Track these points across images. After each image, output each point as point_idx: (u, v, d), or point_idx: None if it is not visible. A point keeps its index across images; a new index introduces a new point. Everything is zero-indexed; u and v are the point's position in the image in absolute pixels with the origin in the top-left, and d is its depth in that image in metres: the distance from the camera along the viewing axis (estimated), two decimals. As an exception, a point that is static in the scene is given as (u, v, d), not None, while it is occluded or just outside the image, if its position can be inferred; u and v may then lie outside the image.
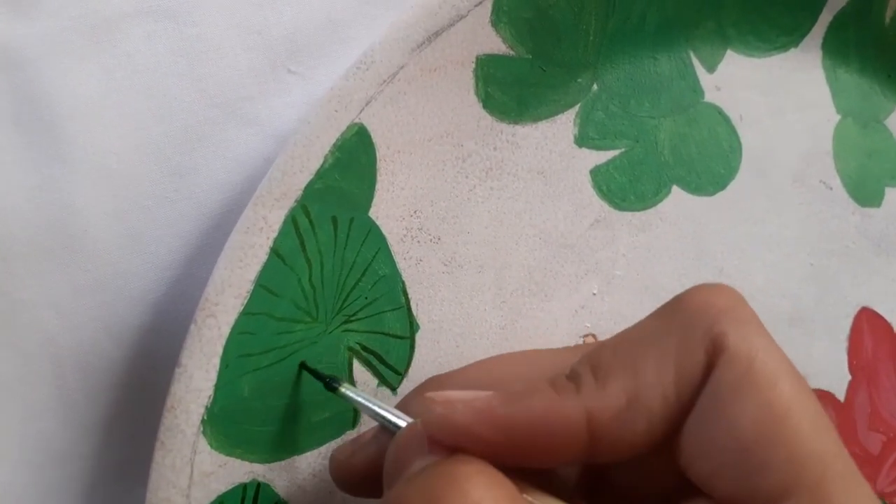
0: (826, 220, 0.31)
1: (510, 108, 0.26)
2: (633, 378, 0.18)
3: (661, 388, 0.17)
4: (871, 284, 0.32)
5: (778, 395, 0.17)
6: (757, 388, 0.17)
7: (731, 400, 0.17)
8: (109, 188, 0.23)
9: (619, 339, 0.19)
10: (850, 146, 0.32)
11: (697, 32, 0.29)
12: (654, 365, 0.18)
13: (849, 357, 0.31)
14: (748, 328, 0.18)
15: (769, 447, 0.16)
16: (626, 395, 0.18)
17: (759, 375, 0.17)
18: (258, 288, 0.21)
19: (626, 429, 0.17)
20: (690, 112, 0.29)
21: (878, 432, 0.31)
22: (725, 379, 0.17)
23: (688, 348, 0.18)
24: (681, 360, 0.18)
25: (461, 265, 0.25)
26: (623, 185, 0.28)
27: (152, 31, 0.23)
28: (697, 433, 0.17)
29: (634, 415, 0.17)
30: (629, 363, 0.18)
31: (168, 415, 0.20)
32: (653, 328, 0.19)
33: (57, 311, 0.23)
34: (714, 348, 0.17)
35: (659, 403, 0.17)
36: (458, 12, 0.24)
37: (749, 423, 0.17)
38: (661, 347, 0.18)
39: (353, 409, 0.24)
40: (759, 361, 0.17)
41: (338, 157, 0.22)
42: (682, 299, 0.19)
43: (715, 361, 0.17)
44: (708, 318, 0.18)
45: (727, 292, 0.18)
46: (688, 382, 0.17)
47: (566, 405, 0.18)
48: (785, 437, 0.16)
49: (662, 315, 0.19)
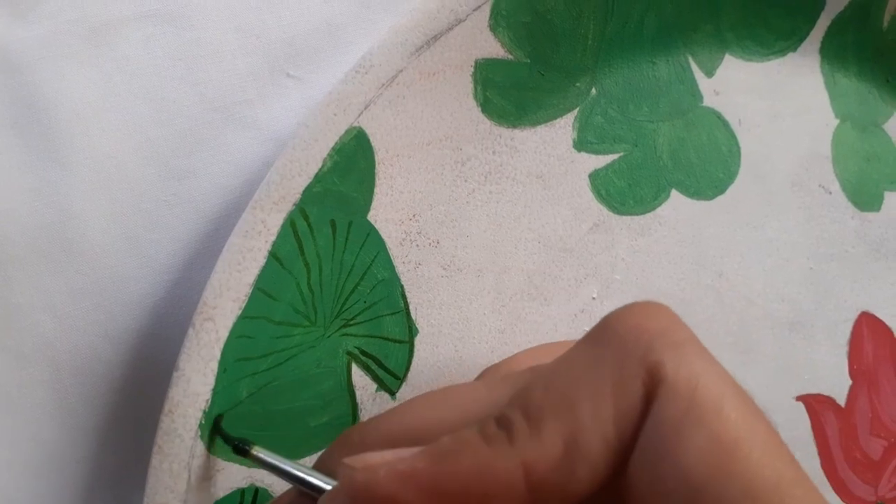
0: (825, 224, 0.31)
1: (509, 112, 0.26)
2: (569, 421, 0.16)
3: (599, 428, 0.16)
4: (870, 289, 0.32)
5: (724, 424, 0.16)
6: (701, 420, 0.16)
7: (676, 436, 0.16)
8: (107, 191, 0.23)
9: (549, 373, 0.18)
10: (849, 150, 0.32)
11: (696, 37, 0.29)
12: (589, 403, 0.16)
13: (849, 362, 0.31)
14: (685, 352, 0.16)
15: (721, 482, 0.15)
16: (563, 440, 0.16)
17: (702, 406, 0.16)
18: (256, 292, 0.21)
19: (567, 477, 0.16)
20: (689, 116, 0.29)
21: (879, 437, 0.31)
22: (667, 414, 0.16)
23: (624, 381, 0.16)
24: (618, 395, 0.16)
25: (460, 269, 0.25)
26: (622, 189, 0.28)
27: (151, 34, 0.24)
28: (644, 473, 0.16)
29: (574, 462, 0.16)
30: (563, 403, 0.17)
31: (165, 419, 0.20)
32: (584, 359, 0.17)
33: (54, 314, 0.23)
34: (651, 379, 0.16)
35: (599, 446, 0.16)
36: (457, 17, 0.24)
37: (698, 460, 0.15)
38: (596, 382, 0.17)
39: (351, 413, 0.24)
40: (700, 389, 0.16)
41: (336, 161, 0.22)
42: (611, 324, 0.17)
43: (654, 393, 0.16)
44: (642, 344, 0.17)
45: (658, 312, 0.17)
46: (628, 419, 0.16)
47: (499, 460, 0.16)
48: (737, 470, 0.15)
49: (593, 343, 0.18)
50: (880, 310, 0.32)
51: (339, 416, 0.23)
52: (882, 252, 0.32)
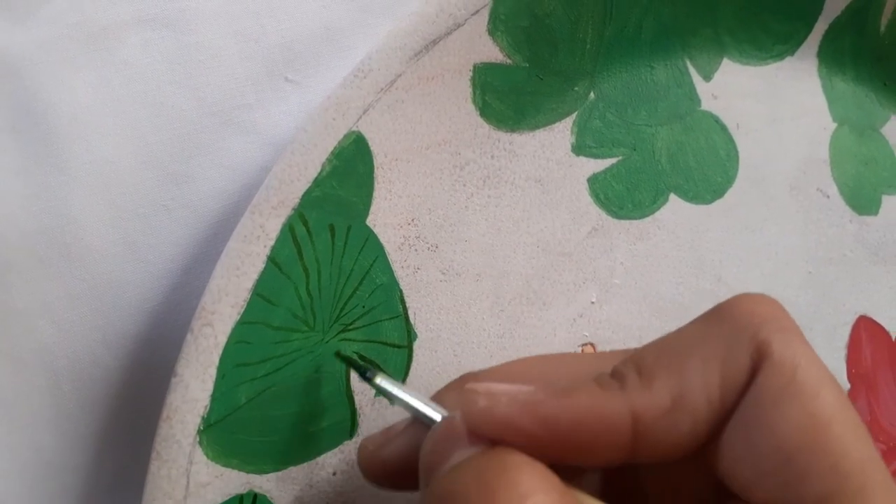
0: (823, 228, 0.31)
1: (507, 116, 0.26)
2: (679, 379, 0.18)
3: (705, 390, 0.17)
4: (869, 292, 0.32)
5: (821, 404, 0.17)
6: (801, 397, 0.17)
7: (774, 407, 0.17)
8: (106, 196, 0.23)
9: (662, 342, 0.19)
10: (847, 154, 0.32)
11: (694, 41, 0.29)
12: (699, 367, 0.18)
13: (847, 366, 0.31)
14: (791, 337, 0.18)
15: (812, 455, 0.16)
16: (671, 395, 0.17)
17: (802, 384, 0.17)
18: (255, 297, 0.21)
19: (671, 429, 0.17)
20: (687, 120, 0.29)
21: (877, 441, 0.31)
22: (769, 386, 0.17)
23: (733, 353, 0.18)
24: (726, 365, 0.18)
25: (459, 273, 0.25)
26: (620, 193, 0.28)
27: (149, 39, 0.23)
28: (739, 438, 0.17)
29: (679, 415, 0.17)
30: (674, 365, 0.18)
31: (164, 425, 0.20)
32: (697, 333, 0.19)
33: (52, 319, 0.23)
34: (759, 355, 0.17)
35: (703, 405, 0.17)
36: (456, 21, 0.24)
37: (792, 430, 0.17)
38: (706, 351, 0.18)
39: (350, 418, 0.23)
40: (802, 370, 0.17)
41: (335, 166, 0.22)
42: (726, 307, 0.19)
43: (759, 368, 0.17)
44: (753, 325, 0.18)
45: (770, 302, 0.19)
46: (732, 387, 0.17)
47: (611, 402, 0.17)
48: (828, 446, 0.16)
49: (706, 321, 0.19)
50: (879, 313, 0.32)
51: (338, 421, 0.23)
52: (880, 256, 0.32)
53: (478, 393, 0.18)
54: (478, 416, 0.17)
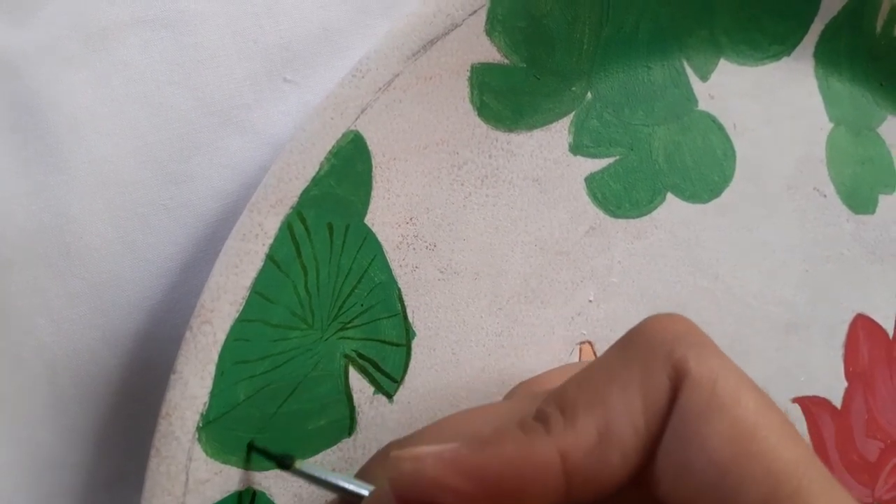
0: (820, 227, 0.31)
1: (505, 116, 0.26)
2: (602, 411, 0.18)
3: (629, 418, 0.18)
4: (865, 291, 0.32)
5: (744, 412, 0.17)
6: (723, 408, 0.17)
7: (700, 423, 0.17)
8: (105, 195, 0.23)
9: (582, 375, 0.19)
10: (844, 154, 0.32)
11: (691, 41, 0.29)
12: (620, 396, 0.18)
13: (845, 364, 0.31)
14: (706, 351, 0.18)
15: (744, 464, 0.17)
16: (597, 429, 0.18)
17: (723, 395, 0.17)
18: (254, 295, 0.21)
19: (601, 464, 0.17)
20: (684, 120, 0.29)
21: (875, 439, 0.31)
22: (692, 403, 0.17)
23: (651, 376, 0.18)
24: (646, 389, 0.18)
25: (457, 272, 0.25)
26: (618, 192, 0.28)
27: (148, 39, 0.24)
28: (671, 460, 0.17)
29: (607, 448, 0.17)
30: (595, 397, 0.18)
31: (163, 422, 0.20)
32: (614, 361, 0.19)
33: (51, 317, 0.23)
34: (676, 373, 0.18)
35: (630, 434, 0.17)
36: (453, 21, 0.24)
37: (721, 443, 0.17)
38: (625, 378, 0.18)
39: (349, 416, 0.24)
40: (721, 381, 0.17)
41: (334, 164, 0.22)
42: (637, 330, 0.19)
43: (679, 386, 0.18)
44: (666, 344, 0.18)
45: (680, 319, 0.19)
46: (655, 410, 0.18)
47: (537, 447, 0.17)
48: (758, 452, 0.17)
49: (622, 347, 0.19)
50: (876, 312, 0.32)
51: (337, 419, 0.23)
52: (877, 255, 0.32)
53: (402, 458, 0.18)
54: (406, 482, 0.17)
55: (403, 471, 0.17)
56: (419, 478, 0.17)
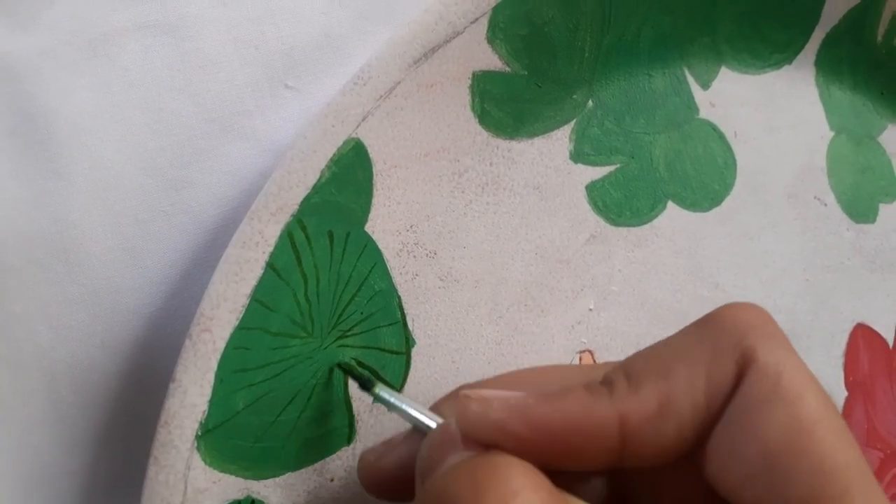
0: (821, 235, 0.31)
1: (506, 123, 0.26)
2: (665, 384, 0.18)
3: (691, 395, 0.18)
4: (866, 300, 0.32)
5: (805, 408, 0.17)
6: (785, 401, 0.17)
7: (759, 411, 0.17)
8: (105, 201, 0.23)
9: (651, 349, 0.19)
10: (844, 163, 0.32)
11: (692, 49, 0.29)
12: (685, 373, 0.18)
13: (845, 373, 0.31)
14: (776, 343, 0.18)
15: (796, 458, 0.17)
16: (658, 399, 0.18)
17: (787, 389, 0.17)
18: (254, 303, 0.21)
19: (657, 433, 0.18)
20: (685, 128, 0.29)
21: (875, 449, 0.31)
22: (755, 390, 0.18)
23: (718, 359, 0.18)
24: (711, 370, 0.18)
25: (457, 280, 0.25)
26: (618, 200, 0.28)
27: (149, 45, 0.24)
28: (725, 442, 0.18)
29: (665, 419, 0.18)
30: (661, 370, 0.18)
31: (162, 430, 0.20)
32: (684, 340, 0.19)
33: (50, 324, 0.23)
34: (744, 360, 0.18)
35: (689, 410, 0.18)
36: (455, 29, 0.24)
37: (777, 434, 0.17)
38: (693, 357, 0.18)
39: (348, 425, 0.23)
40: (786, 375, 0.17)
41: (334, 172, 0.22)
42: (713, 315, 0.19)
43: (744, 373, 0.18)
44: (738, 332, 0.18)
45: (756, 310, 0.19)
46: (717, 392, 0.18)
47: (599, 407, 0.18)
48: (812, 449, 0.17)
49: (694, 329, 0.19)
50: (876, 321, 0.32)
51: (336, 427, 0.23)
52: (877, 264, 0.32)
53: (471, 399, 0.18)
54: (471, 421, 0.18)
55: (471, 410, 0.18)
56: (485, 419, 0.18)
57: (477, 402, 0.18)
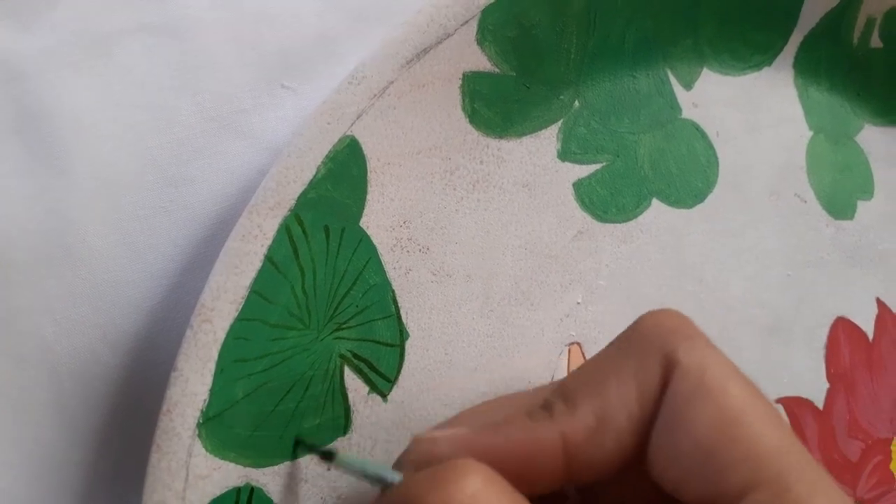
0: (802, 232, 0.32)
1: (496, 123, 0.27)
2: (599, 399, 0.19)
3: (625, 405, 0.19)
4: (846, 295, 0.32)
5: (730, 398, 0.18)
6: (710, 395, 0.18)
7: (687, 408, 0.18)
8: (106, 198, 0.24)
9: (583, 368, 0.21)
10: (823, 161, 0.33)
11: (675, 51, 0.30)
12: (616, 386, 0.19)
13: (826, 366, 0.32)
14: (697, 343, 0.19)
15: (727, 447, 0.18)
16: (595, 415, 0.19)
17: (710, 383, 0.18)
18: (253, 294, 0.22)
19: (598, 447, 0.19)
20: (668, 128, 0.30)
21: (856, 439, 0.32)
22: (681, 390, 0.18)
23: (645, 367, 0.19)
24: (640, 379, 0.19)
25: (449, 275, 0.26)
26: (605, 197, 0.28)
27: (150, 46, 0.24)
28: (662, 444, 0.19)
29: (604, 432, 0.19)
30: (594, 387, 0.19)
31: (164, 418, 0.21)
32: (612, 355, 0.20)
33: (53, 318, 0.23)
34: (668, 363, 0.19)
35: (625, 420, 0.19)
36: (446, 30, 0.24)
37: (706, 427, 0.18)
38: (622, 369, 0.19)
39: (344, 415, 0.24)
40: (709, 371, 0.18)
41: (330, 168, 0.23)
42: (635, 326, 0.20)
43: (670, 375, 0.19)
44: (660, 338, 0.19)
45: (675, 315, 0.20)
46: (648, 398, 0.19)
47: (541, 431, 0.19)
48: (741, 436, 0.18)
49: (619, 342, 0.20)
50: (856, 315, 0.33)
51: (333, 417, 0.24)
52: (856, 259, 0.33)
53: (420, 441, 0.20)
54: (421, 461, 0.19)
55: (420, 450, 0.19)
56: (432, 456, 0.19)
57: (426, 442, 0.19)
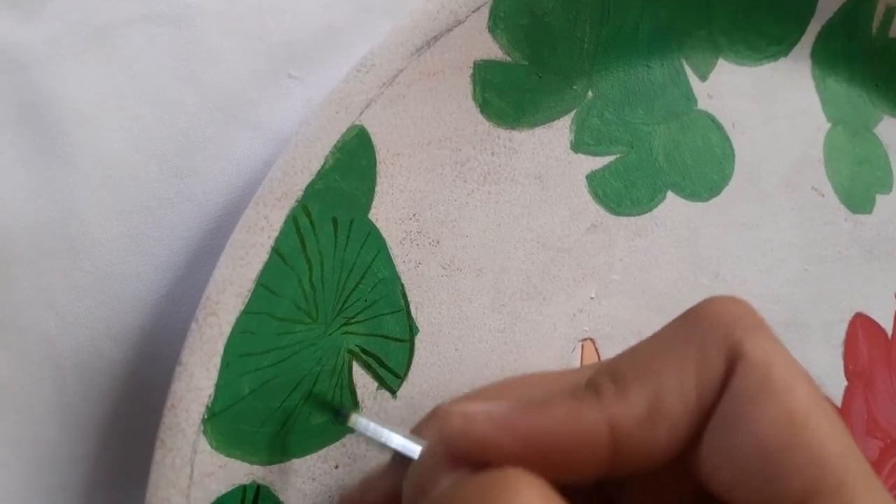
0: (819, 226, 0.31)
1: (507, 113, 0.26)
2: (654, 386, 0.18)
3: (681, 394, 0.17)
4: (864, 290, 0.32)
5: (796, 399, 0.17)
6: (776, 394, 0.17)
7: (751, 406, 0.17)
8: (110, 190, 0.23)
9: (636, 349, 0.19)
10: (841, 154, 0.32)
11: (689, 41, 0.29)
12: (673, 372, 0.18)
13: (845, 362, 0.31)
14: (763, 336, 0.18)
15: (791, 451, 0.16)
16: (647, 401, 0.17)
17: (777, 381, 0.17)
18: (259, 287, 0.21)
19: (649, 436, 0.17)
20: (684, 119, 0.29)
21: (875, 438, 0.31)
22: (745, 386, 0.17)
23: (706, 356, 0.18)
24: (700, 367, 0.18)
25: (460, 268, 0.25)
26: (619, 190, 0.28)
27: (154, 35, 0.24)
28: (718, 441, 0.17)
29: (656, 421, 0.17)
30: (648, 371, 0.18)
31: (168, 413, 0.20)
32: (669, 337, 0.19)
33: (56, 312, 0.23)
34: (732, 355, 0.17)
35: (680, 410, 0.17)
36: (457, 18, 0.24)
37: (770, 428, 0.17)
38: (680, 355, 0.18)
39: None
40: (776, 367, 0.17)
41: (338, 159, 0.22)
42: (696, 310, 0.19)
43: (733, 368, 0.17)
44: (724, 326, 0.18)
45: (739, 303, 0.19)
46: (707, 389, 0.17)
47: (587, 413, 0.17)
48: (806, 441, 0.16)
49: (678, 325, 0.19)
50: (874, 311, 0.32)
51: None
52: (875, 254, 0.32)
53: (452, 415, 0.18)
54: (455, 439, 0.17)
55: (454, 426, 0.17)
56: (469, 434, 0.17)
57: (459, 417, 0.17)
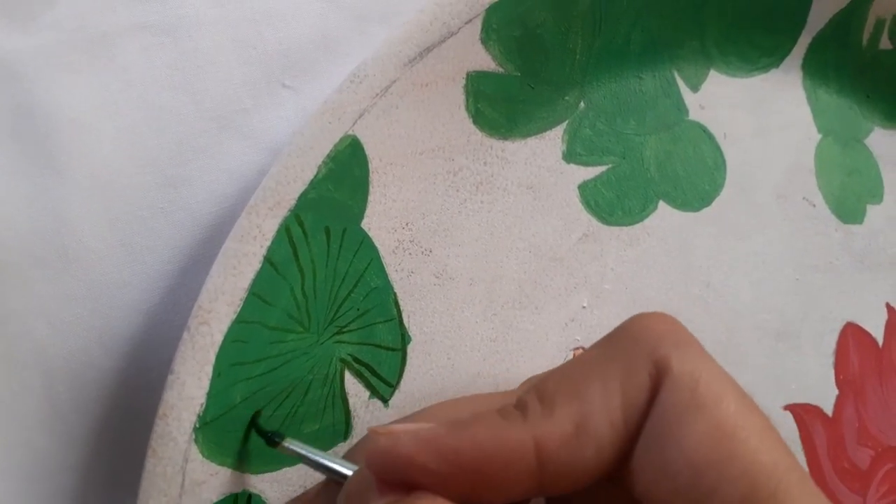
0: (810, 236, 0.32)
1: (500, 124, 0.26)
2: (580, 404, 0.17)
3: (607, 413, 0.17)
4: (855, 300, 0.32)
5: (725, 412, 0.17)
6: (704, 409, 0.17)
7: (679, 422, 0.17)
8: (104, 199, 0.23)
9: (563, 368, 0.19)
10: (832, 165, 0.32)
11: (681, 52, 0.29)
12: (599, 391, 0.18)
13: (835, 372, 0.31)
14: (689, 350, 0.18)
15: (721, 465, 0.16)
16: (573, 421, 0.17)
17: (704, 395, 0.17)
18: (251, 296, 0.21)
19: (575, 456, 0.17)
20: (675, 130, 0.29)
21: (866, 447, 0.31)
22: (672, 401, 0.17)
23: (632, 373, 0.18)
24: (626, 385, 0.18)
25: (452, 277, 0.25)
26: (610, 200, 0.28)
27: (148, 45, 0.24)
28: (649, 458, 0.17)
29: (582, 441, 0.17)
30: (575, 390, 0.18)
31: (160, 422, 0.20)
32: (596, 356, 0.19)
33: (48, 320, 0.23)
34: (658, 371, 0.17)
35: (606, 429, 0.17)
36: (449, 29, 0.24)
37: (700, 443, 0.16)
38: (606, 373, 0.18)
39: (344, 420, 0.24)
40: (703, 382, 0.17)
41: (331, 168, 0.22)
42: (623, 328, 0.19)
43: (660, 384, 0.17)
44: (650, 342, 0.18)
45: (666, 318, 0.19)
46: (634, 407, 0.17)
47: (513, 432, 0.17)
48: (736, 453, 0.16)
49: (605, 344, 0.19)
50: (865, 321, 0.32)
51: (333, 423, 0.23)
52: (865, 264, 0.32)
53: (379, 434, 0.18)
54: (380, 459, 0.17)
55: (379, 446, 0.17)
56: (393, 454, 0.17)
57: (385, 437, 0.17)
